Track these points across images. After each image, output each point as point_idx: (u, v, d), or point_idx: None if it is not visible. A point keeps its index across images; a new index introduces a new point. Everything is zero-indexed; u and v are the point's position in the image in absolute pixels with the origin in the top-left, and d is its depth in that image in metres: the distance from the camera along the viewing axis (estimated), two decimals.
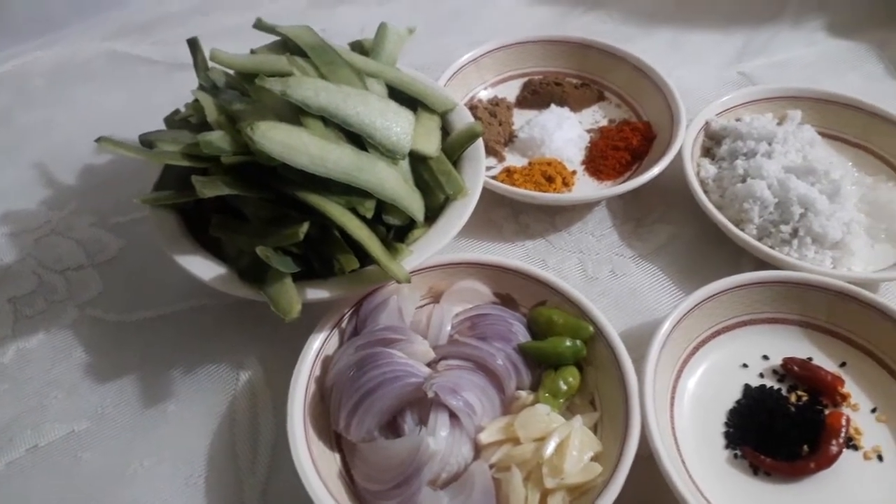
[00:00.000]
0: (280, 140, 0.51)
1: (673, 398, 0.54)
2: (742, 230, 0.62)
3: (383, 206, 0.55)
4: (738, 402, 0.54)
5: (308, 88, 0.55)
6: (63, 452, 0.54)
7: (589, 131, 0.75)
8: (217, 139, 0.53)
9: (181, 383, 0.57)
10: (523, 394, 0.53)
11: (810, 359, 0.56)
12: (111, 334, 0.60)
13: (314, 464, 0.47)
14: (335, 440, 0.51)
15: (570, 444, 0.48)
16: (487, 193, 0.66)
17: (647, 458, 0.47)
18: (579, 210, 0.69)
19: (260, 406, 0.55)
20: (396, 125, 0.57)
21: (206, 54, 0.61)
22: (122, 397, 0.56)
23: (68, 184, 0.72)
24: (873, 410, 0.54)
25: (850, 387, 0.55)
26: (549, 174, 0.68)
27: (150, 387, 0.57)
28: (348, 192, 0.53)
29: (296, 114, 0.54)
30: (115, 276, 0.64)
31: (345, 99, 0.56)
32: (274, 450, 0.53)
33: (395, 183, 0.54)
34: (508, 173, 0.70)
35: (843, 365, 0.56)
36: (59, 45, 0.88)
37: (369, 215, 0.52)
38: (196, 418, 0.55)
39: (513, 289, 0.58)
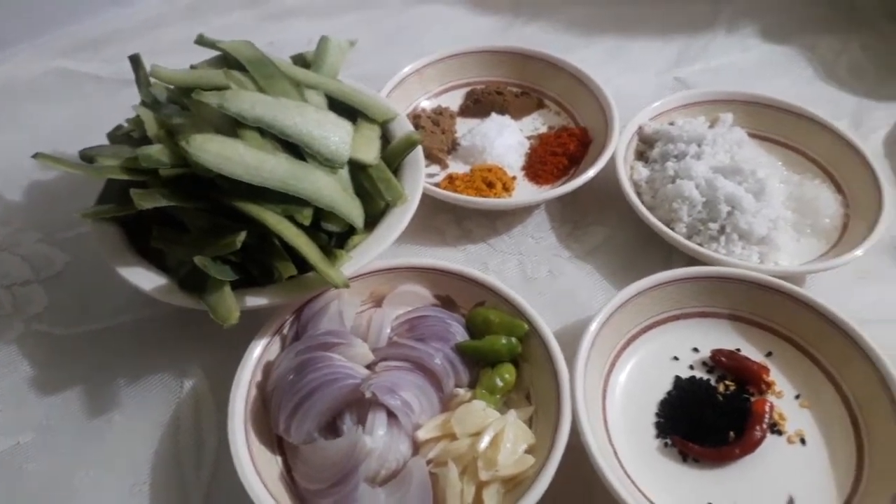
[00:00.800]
0: (215, 151, 0.52)
1: (605, 391, 0.56)
2: (672, 229, 0.64)
3: (322, 214, 0.56)
4: (668, 393, 0.56)
5: (244, 101, 0.56)
6: (7, 464, 0.54)
7: (529, 138, 0.78)
8: (156, 152, 0.54)
9: (126, 393, 0.58)
10: (461, 391, 0.54)
11: (738, 350, 0.59)
12: (57, 348, 0.61)
13: (255, 466, 0.49)
14: (277, 443, 0.53)
15: (505, 438, 0.50)
16: (430, 200, 0.68)
17: (580, 450, 0.49)
18: (519, 214, 0.71)
19: (203, 413, 0.56)
20: (334, 135, 0.59)
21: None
22: (67, 409, 0.57)
23: (15, 200, 0.72)
24: (797, 397, 0.57)
25: (775, 375, 0.58)
26: (490, 180, 0.70)
27: (95, 398, 0.57)
28: (286, 200, 0.54)
29: (234, 126, 0.56)
30: (60, 290, 0.65)
31: (282, 110, 0.57)
32: (217, 455, 0.54)
33: (332, 191, 0.56)
34: (451, 180, 0.72)
35: (769, 355, 0.59)
36: (9, 63, 0.89)
37: (307, 223, 0.54)
38: (141, 427, 0.56)
39: (452, 291, 0.60)
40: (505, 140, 0.74)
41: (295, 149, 0.57)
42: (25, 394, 0.58)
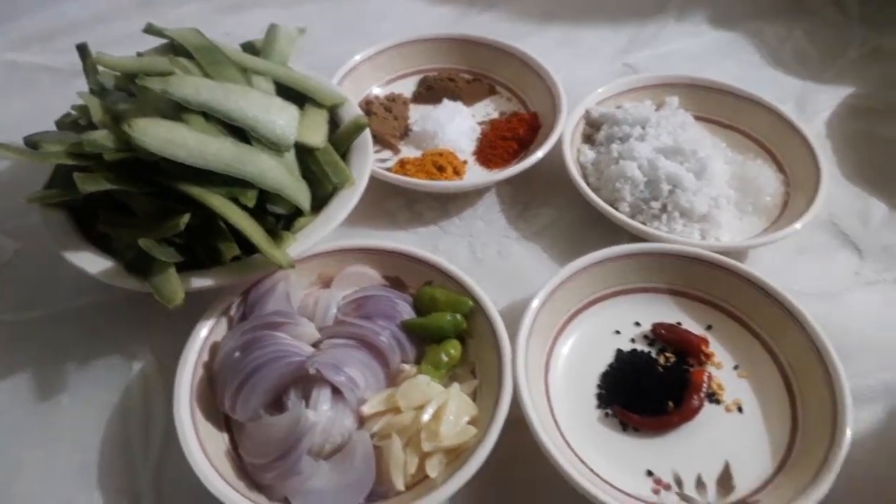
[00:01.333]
0: (158, 135, 0.53)
1: (548, 365, 0.57)
2: (616, 209, 0.66)
3: (268, 197, 0.57)
4: (610, 365, 0.58)
5: (188, 86, 0.56)
6: None
7: (481, 123, 0.79)
8: (100, 137, 0.55)
9: (75, 377, 0.58)
10: (407, 367, 0.55)
11: (679, 323, 0.60)
12: (6, 334, 0.61)
13: (201, 444, 0.49)
14: (224, 421, 0.53)
15: (447, 410, 0.51)
16: (382, 184, 0.69)
17: (524, 422, 0.50)
18: (470, 197, 0.73)
19: (152, 394, 0.57)
20: (280, 118, 0.59)
21: None
22: (16, 394, 0.57)
23: None
24: (736, 367, 0.58)
25: (714, 347, 0.59)
26: (441, 164, 0.71)
27: (43, 382, 0.58)
28: (231, 183, 0.55)
29: (179, 112, 0.56)
30: (10, 277, 0.65)
31: (226, 95, 0.58)
32: (166, 435, 0.55)
33: (278, 173, 0.57)
34: (402, 164, 0.73)
35: (709, 328, 0.60)
36: None
37: (251, 204, 0.54)
38: (90, 409, 0.56)
39: (400, 271, 0.61)
40: (456, 125, 0.75)
41: (241, 133, 0.58)
42: None
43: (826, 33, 0.93)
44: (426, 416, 0.51)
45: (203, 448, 0.49)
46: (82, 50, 0.64)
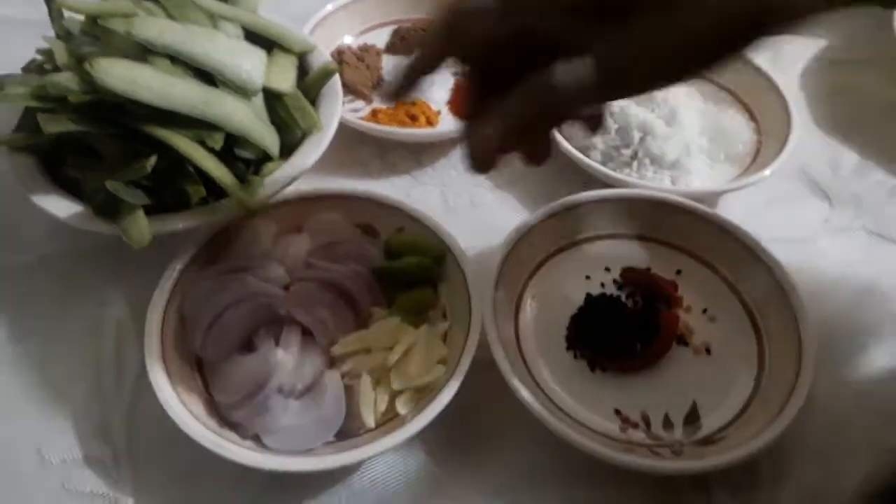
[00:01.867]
0: (122, 76, 0.52)
1: (518, 309, 0.58)
2: (588, 157, 0.66)
3: (236, 141, 0.57)
4: (579, 308, 0.58)
5: (151, 28, 0.56)
6: None
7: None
8: (64, 79, 0.54)
9: (46, 322, 0.58)
10: (377, 311, 0.56)
11: (649, 269, 0.61)
12: None
13: (171, 384, 0.49)
14: (195, 363, 0.53)
15: (416, 350, 0.52)
16: (353, 133, 0.69)
17: (494, 364, 0.51)
18: (443, 147, 0.72)
19: (124, 339, 0.57)
20: (247, 62, 0.59)
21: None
22: None
23: None
24: (704, 311, 0.59)
25: (684, 291, 0.60)
26: (413, 113, 0.71)
27: (15, 328, 0.58)
28: (197, 126, 0.54)
29: (144, 55, 0.55)
30: None
31: (191, 37, 0.57)
32: (138, 378, 0.54)
33: (244, 116, 0.56)
34: (374, 114, 0.72)
35: (678, 272, 0.61)
36: None
37: (217, 147, 0.54)
38: (61, 354, 0.56)
39: (372, 218, 0.61)
40: (430, 75, 0.75)
41: (208, 78, 0.57)
42: None
43: None
44: (395, 356, 0.51)
45: (174, 388, 0.49)
46: None
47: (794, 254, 0.60)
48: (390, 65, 0.79)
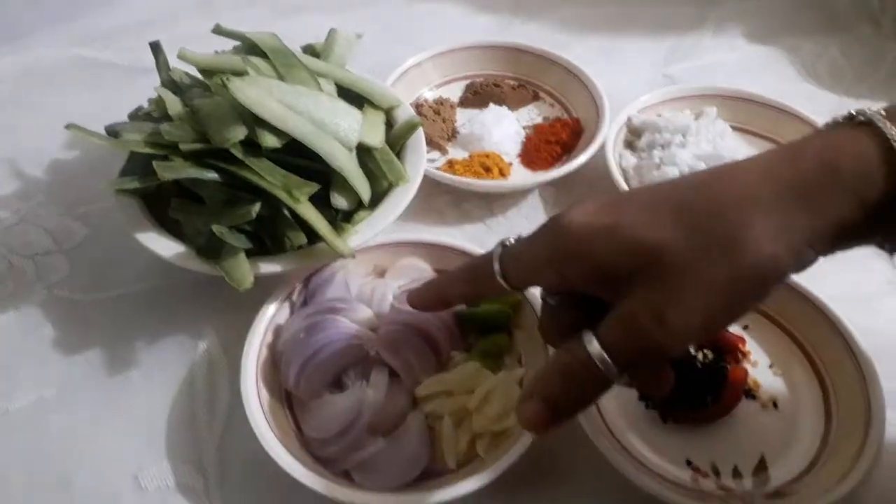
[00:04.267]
0: (252, 95, 0.57)
1: None
2: None
3: (334, 187, 0.61)
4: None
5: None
6: (32, 416, 0.58)
7: (525, 128, 0.82)
8: (177, 126, 0.59)
9: (144, 354, 0.62)
10: (457, 354, 0.58)
11: None
12: (78, 312, 0.65)
13: (266, 418, 0.52)
14: (286, 399, 0.56)
15: (496, 394, 0.54)
16: (431, 183, 0.72)
17: None
18: (515, 197, 0.76)
19: (217, 372, 0.60)
20: (344, 122, 0.63)
21: (168, 58, 0.67)
22: (88, 367, 0.61)
23: (37, 177, 0.76)
24: (771, 366, 0.61)
25: (751, 346, 0.62)
26: (487, 165, 0.75)
27: (114, 358, 0.61)
28: (286, 177, 0.58)
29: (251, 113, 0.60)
30: (81, 260, 0.69)
31: (297, 97, 0.61)
32: (230, 410, 0.58)
33: (345, 159, 0.60)
34: (450, 164, 0.76)
35: (745, 328, 0.63)
36: (26, 52, 0.93)
37: (303, 199, 0.57)
38: (157, 384, 0.60)
39: (450, 264, 0.63)
40: (502, 129, 0.79)
41: None
42: (48, 353, 0.62)
43: (860, 50, 0.95)
44: (476, 400, 0.54)
45: (268, 422, 0.52)
46: (155, 47, 0.68)
47: (860, 313, 0.62)
48: (464, 118, 0.83)
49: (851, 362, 0.57)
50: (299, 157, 0.60)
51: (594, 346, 0.38)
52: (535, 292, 0.59)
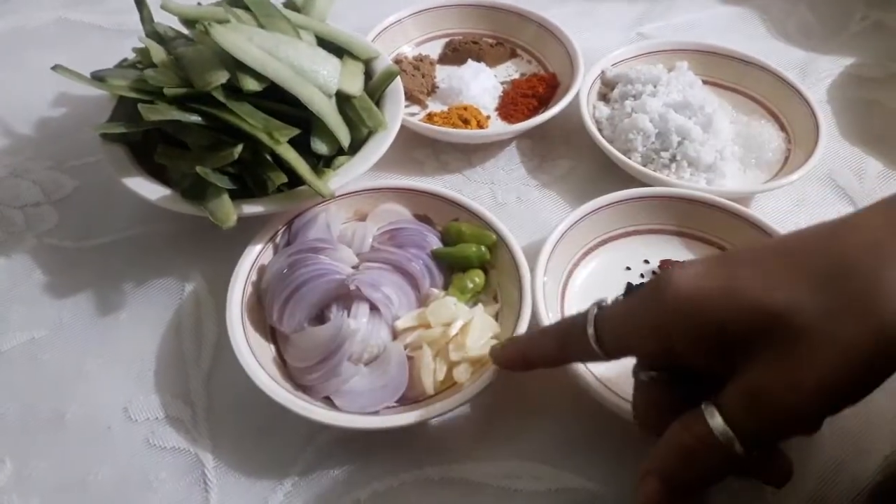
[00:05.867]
0: (233, 40, 0.59)
1: (564, 293, 0.62)
2: (629, 159, 0.71)
3: (314, 132, 0.63)
4: (620, 296, 0.63)
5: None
6: (24, 355, 0.60)
7: (503, 83, 0.84)
8: (161, 72, 0.61)
9: (132, 297, 0.64)
10: (435, 291, 0.61)
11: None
12: (67, 259, 0.67)
13: (251, 349, 0.55)
14: (270, 333, 0.59)
15: (473, 326, 0.56)
16: (411, 135, 0.75)
17: None
18: (492, 149, 0.78)
19: (203, 311, 0.62)
20: (324, 69, 0.65)
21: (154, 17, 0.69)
22: (77, 309, 0.63)
23: (26, 134, 0.78)
24: None
25: None
26: (466, 117, 0.77)
27: (103, 300, 0.63)
28: (267, 121, 0.60)
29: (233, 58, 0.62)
30: (70, 210, 0.71)
31: (276, 44, 0.63)
32: (216, 347, 0.60)
33: (324, 103, 0.62)
34: (429, 117, 0.78)
35: None
36: (13, 15, 0.94)
37: (283, 141, 0.59)
38: (146, 325, 0.62)
39: (429, 209, 0.66)
40: (480, 83, 0.81)
41: None
42: (39, 297, 0.64)
43: (829, 8, 0.98)
44: (454, 330, 0.56)
45: (253, 352, 0.54)
46: (139, 1, 0.70)
47: None
48: (444, 74, 0.85)
49: None
50: (281, 104, 0.62)
51: (717, 421, 0.35)
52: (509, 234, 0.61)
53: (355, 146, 0.66)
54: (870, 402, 0.55)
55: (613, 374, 0.57)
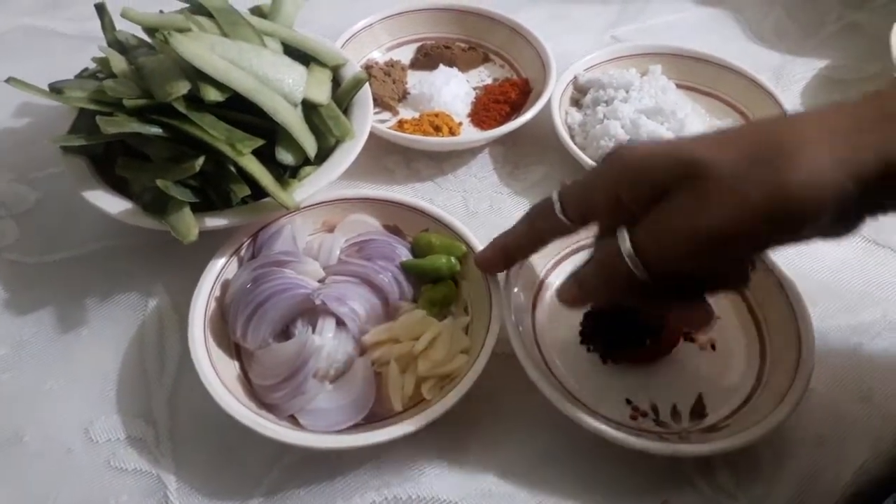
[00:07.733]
0: (194, 50, 0.58)
1: (535, 305, 0.62)
2: None
3: (279, 142, 0.61)
4: (592, 306, 0.62)
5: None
6: None
7: (475, 88, 0.83)
8: (121, 83, 0.59)
9: (94, 313, 0.62)
10: (405, 304, 0.60)
11: None
12: (28, 274, 0.65)
13: (214, 368, 0.53)
14: (234, 350, 0.57)
15: (441, 340, 0.56)
16: (381, 142, 0.73)
17: (514, 356, 0.54)
18: (465, 156, 0.77)
19: (167, 328, 0.61)
20: (289, 77, 0.63)
21: (116, 24, 0.67)
22: (39, 326, 0.61)
23: None
24: None
25: None
26: (437, 124, 0.76)
27: (64, 317, 0.62)
28: (230, 132, 0.58)
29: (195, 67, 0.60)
30: (31, 224, 0.69)
31: (239, 53, 0.62)
32: (179, 364, 0.59)
33: (289, 113, 0.61)
34: (400, 124, 0.77)
35: None
36: None
37: (246, 152, 0.58)
38: (108, 341, 0.60)
39: (399, 220, 0.65)
40: (452, 89, 0.80)
41: None
42: None
43: (805, 9, 0.97)
44: (422, 344, 0.55)
45: (216, 371, 0.53)
46: (100, 8, 0.68)
47: (793, 256, 0.64)
48: (415, 79, 0.83)
49: (783, 302, 0.59)
50: (245, 114, 0.60)
51: (626, 244, 0.42)
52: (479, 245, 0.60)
53: (323, 155, 0.65)
54: (848, 411, 0.56)
55: (586, 391, 0.57)
